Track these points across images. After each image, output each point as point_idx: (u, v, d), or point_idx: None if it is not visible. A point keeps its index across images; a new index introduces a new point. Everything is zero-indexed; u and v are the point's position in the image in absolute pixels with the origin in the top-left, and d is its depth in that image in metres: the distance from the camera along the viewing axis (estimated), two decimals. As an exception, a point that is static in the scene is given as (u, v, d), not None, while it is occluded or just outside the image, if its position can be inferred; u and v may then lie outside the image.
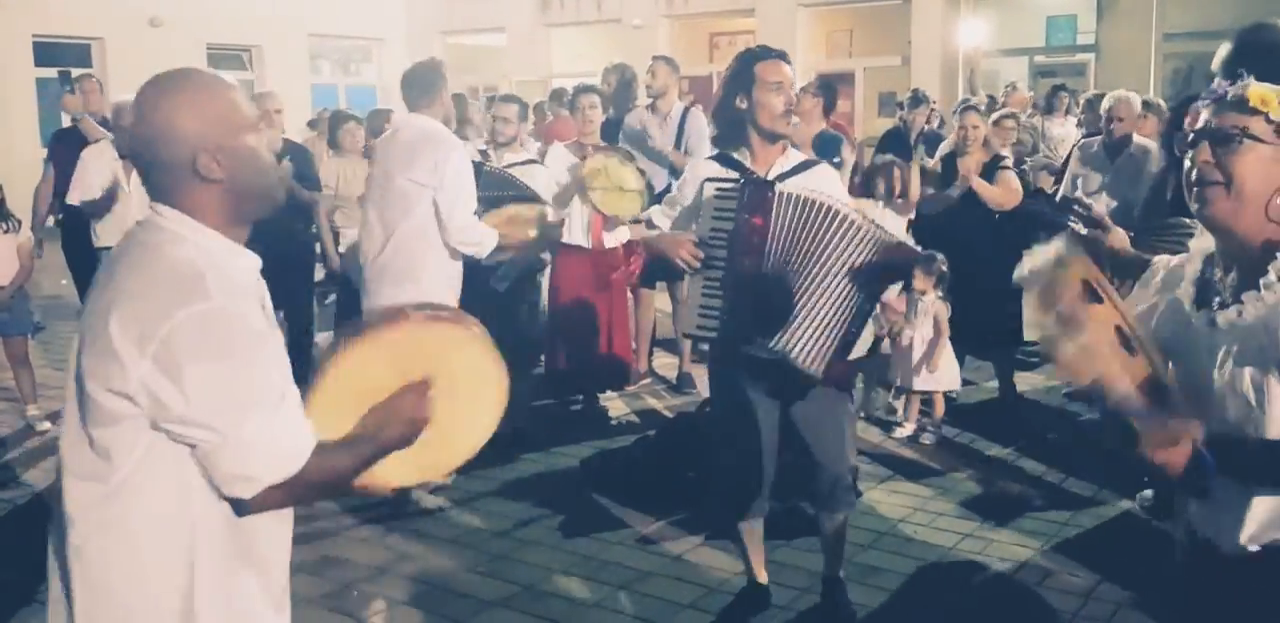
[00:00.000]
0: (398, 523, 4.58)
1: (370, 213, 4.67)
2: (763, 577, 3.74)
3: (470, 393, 2.00)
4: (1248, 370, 1.84)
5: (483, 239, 4.54)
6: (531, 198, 5.26)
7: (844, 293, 3.18)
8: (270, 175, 1.87)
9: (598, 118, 6.03)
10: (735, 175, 3.36)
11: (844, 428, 3.53)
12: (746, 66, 3.37)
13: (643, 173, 5.79)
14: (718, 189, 3.31)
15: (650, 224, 3.70)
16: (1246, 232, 1.86)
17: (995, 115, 7.02)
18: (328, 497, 1.84)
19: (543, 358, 6.14)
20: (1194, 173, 1.89)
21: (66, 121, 7.32)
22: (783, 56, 3.39)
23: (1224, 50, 2.69)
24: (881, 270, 3.18)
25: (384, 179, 4.57)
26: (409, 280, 4.45)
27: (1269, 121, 1.84)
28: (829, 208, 3.18)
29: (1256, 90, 1.86)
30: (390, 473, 1.93)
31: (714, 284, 3.29)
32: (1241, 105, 1.86)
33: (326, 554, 4.26)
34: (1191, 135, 1.92)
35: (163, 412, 1.66)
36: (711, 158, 3.55)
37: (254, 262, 1.84)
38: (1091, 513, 4.60)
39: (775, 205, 3.18)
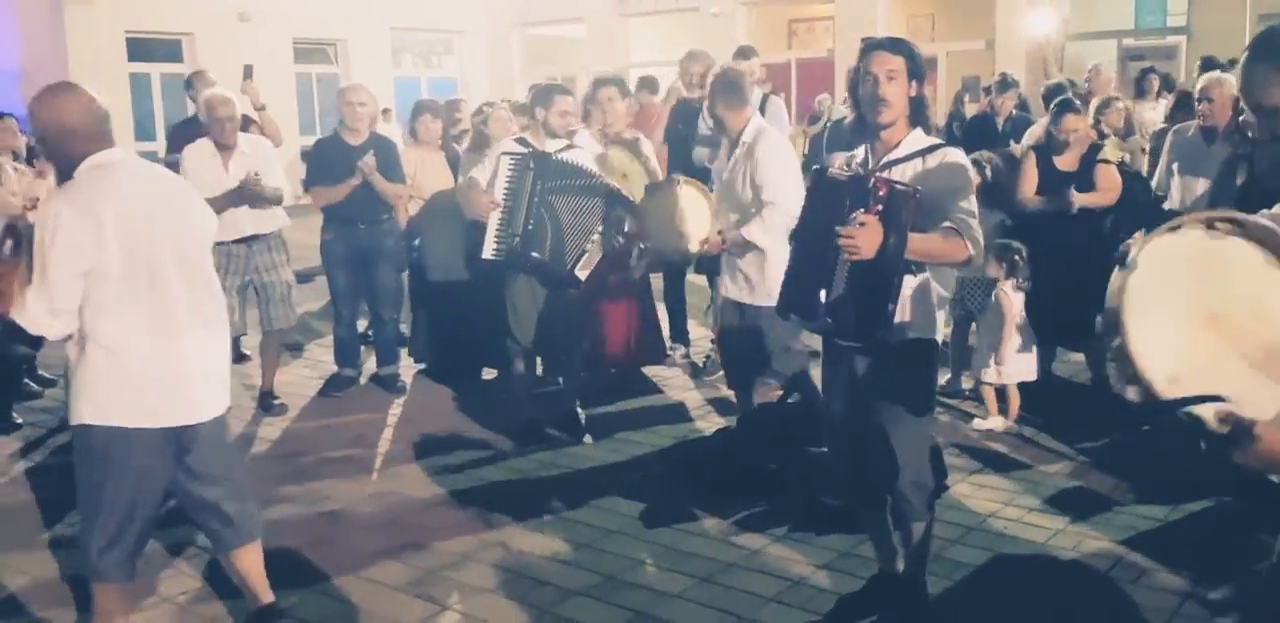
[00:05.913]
0: (481, 510, 4.62)
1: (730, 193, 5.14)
2: (894, 565, 3.60)
3: None
4: None
5: None
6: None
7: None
8: None
9: (620, 110, 6.29)
10: (854, 164, 3.42)
11: (906, 439, 3.34)
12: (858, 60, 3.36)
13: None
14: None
15: None
16: None
17: (1096, 100, 6.87)
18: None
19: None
20: None
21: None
22: (883, 46, 3.29)
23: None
24: None
25: (744, 162, 5.04)
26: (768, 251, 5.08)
27: None
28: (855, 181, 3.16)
29: None
30: None
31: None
32: None
33: (410, 541, 4.31)
34: None
35: None
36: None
37: None
38: (1189, 508, 4.45)
39: (821, 194, 3.27)
